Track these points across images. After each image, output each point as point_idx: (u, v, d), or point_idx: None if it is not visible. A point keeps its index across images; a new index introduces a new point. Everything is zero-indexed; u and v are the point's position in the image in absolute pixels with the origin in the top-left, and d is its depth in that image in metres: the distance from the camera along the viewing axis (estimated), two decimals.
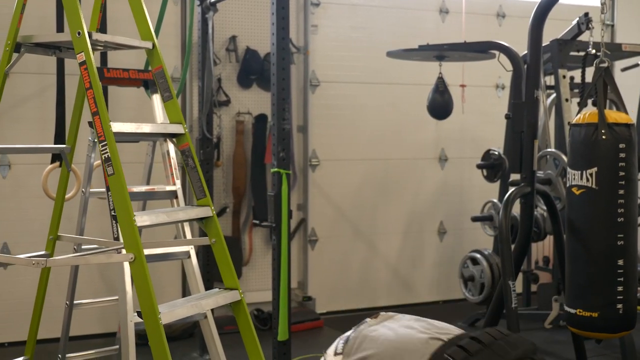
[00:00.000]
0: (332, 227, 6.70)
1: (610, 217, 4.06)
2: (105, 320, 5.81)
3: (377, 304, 6.88)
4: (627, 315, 4.11)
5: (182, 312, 2.88)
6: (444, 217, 7.13)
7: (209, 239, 3.04)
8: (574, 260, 4.24)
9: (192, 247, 4.26)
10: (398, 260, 6.99)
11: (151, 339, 2.58)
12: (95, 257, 2.95)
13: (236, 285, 3.01)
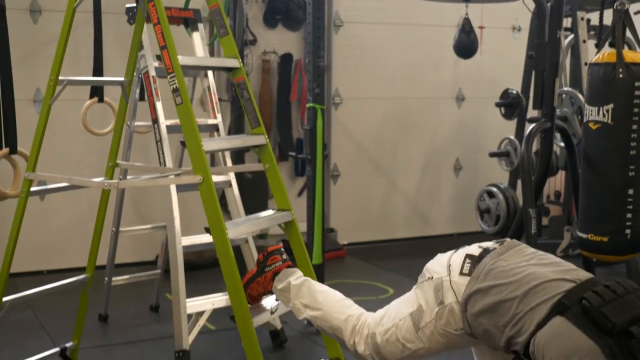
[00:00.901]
0: (353, 163, 7.01)
1: (623, 150, 4.36)
2: (138, 250, 6.14)
3: (395, 236, 7.23)
4: (634, 240, 4.44)
5: (244, 229, 3.21)
6: (460, 154, 7.43)
7: (263, 165, 3.34)
8: (588, 190, 4.56)
9: (233, 177, 4.58)
10: (416, 195, 7.32)
11: (219, 252, 2.90)
12: (166, 179, 3.26)
13: (289, 207, 3.32)
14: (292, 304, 2.99)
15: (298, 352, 4.33)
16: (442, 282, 2.57)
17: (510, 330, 2.39)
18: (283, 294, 3.02)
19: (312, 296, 2.96)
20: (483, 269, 2.51)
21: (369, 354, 2.74)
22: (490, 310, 2.43)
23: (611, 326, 2.23)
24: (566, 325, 2.29)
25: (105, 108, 4.17)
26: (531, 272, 2.44)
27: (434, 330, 2.58)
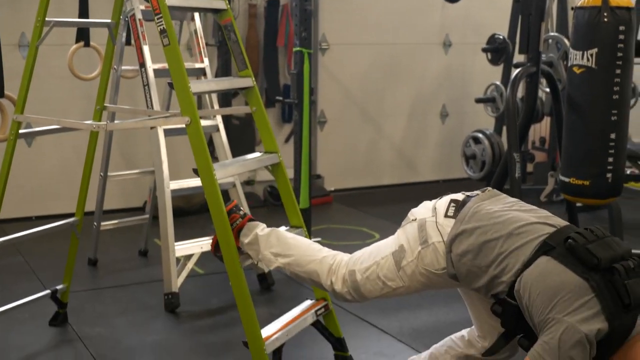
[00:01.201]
0: (340, 110, 7.03)
1: (606, 95, 4.41)
2: (127, 196, 6.18)
3: (381, 182, 7.29)
4: (615, 184, 4.53)
5: (232, 170, 3.24)
6: (447, 101, 7.45)
7: (250, 107, 3.36)
8: (571, 134, 4.62)
9: (220, 122, 4.61)
10: (402, 142, 7.36)
11: (207, 193, 2.93)
12: (154, 120, 3.28)
13: (276, 149, 3.34)
14: (261, 255, 2.97)
15: (285, 295, 4.40)
16: (426, 222, 2.62)
17: (494, 270, 2.45)
18: (251, 247, 2.99)
19: (282, 244, 2.95)
20: (468, 211, 2.56)
21: (346, 291, 2.78)
22: (475, 250, 2.49)
23: (597, 262, 2.31)
24: (553, 263, 2.36)
25: (92, 53, 4.16)
26: (514, 215, 2.50)
27: (415, 269, 2.63)
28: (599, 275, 2.31)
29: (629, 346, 2.34)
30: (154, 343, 3.77)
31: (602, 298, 2.27)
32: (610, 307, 2.27)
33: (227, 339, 3.79)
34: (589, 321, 2.25)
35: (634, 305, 2.29)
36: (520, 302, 2.41)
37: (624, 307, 2.28)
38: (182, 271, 4.27)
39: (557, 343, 2.24)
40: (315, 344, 3.63)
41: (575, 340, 2.23)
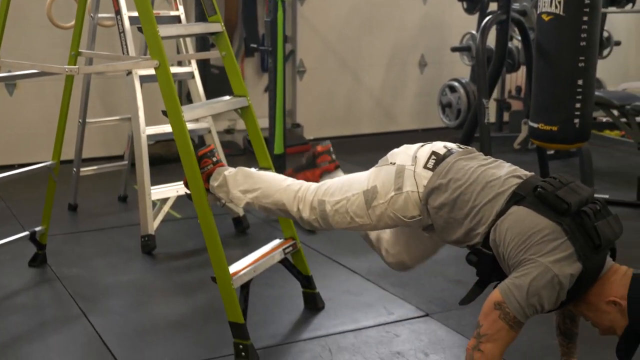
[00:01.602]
0: (319, 59, 7.09)
1: (573, 42, 4.52)
2: (107, 144, 6.26)
3: (360, 132, 7.39)
4: (583, 129, 4.65)
5: (200, 112, 3.33)
6: (425, 50, 7.52)
7: (220, 52, 3.44)
8: (540, 80, 4.73)
9: (196, 68, 4.68)
10: (381, 91, 7.44)
11: (176, 133, 3.03)
12: (124, 64, 3.36)
13: (244, 93, 3.43)
14: (231, 195, 3.05)
15: (260, 237, 4.51)
16: (405, 169, 2.67)
17: (470, 222, 2.55)
18: (221, 190, 3.08)
19: (248, 180, 3.04)
20: (446, 166, 2.63)
21: (314, 219, 2.88)
22: (450, 204, 2.58)
23: (567, 207, 2.41)
24: (525, 211, 2.46)
25: (70, 3, 4.21)
26: (486, 170, 2.60)
27: (385, 212, 2.71)
28: (570, 219, 2.40)
29: (603, 282, 2.45)
30: (130, 282, 3.90)
31: (575, 240, 2.37)
32: (583, 249, 2.37)
33: (201, 278, 3.91)
34: (561, 263, 2.35)
35: (604, 246, 2.41)
36: (495, 250, 2.52)
37: (594, 248, 2.39)
38: (158, 214, 4.39)
39: (528, 281, 2.34)
40: (286, 282, 3.76)
41: (546, 280, 2.33)
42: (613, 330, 2.48)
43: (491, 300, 2.39)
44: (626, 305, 2.40)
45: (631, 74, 8.22)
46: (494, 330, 2.37)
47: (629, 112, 5.64)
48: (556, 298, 2.37)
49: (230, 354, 3.08)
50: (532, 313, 2.38)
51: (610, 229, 2.44)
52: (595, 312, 2.48)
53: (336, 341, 3.24)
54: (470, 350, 2.39)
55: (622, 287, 2.42)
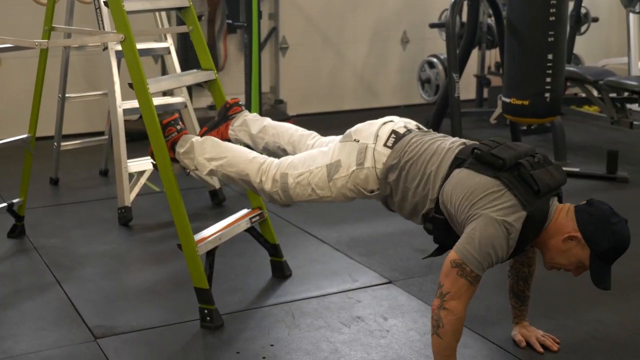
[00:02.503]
0: (302, 35, 7.16)
1: (543, 17, 4.60)
2: (90, 120, 6.34)
3: (343, 108, 7.47)
4: (553, 103, 4.74)
5: (166, 84, 3.42)
6: (407, 27, 7.58)
7: (187, 27, 3.52)
8: (511, 55, 4.82)
9: (172, 44, 4.77)
10: (364, 67, 7.52)
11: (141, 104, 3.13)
12: (91, 38, 3.45)
13: (211, 66, 3.51)
14: (196, 162, 3.17)
15: (236, 209, 4.54)
16: (367, 147, 2.87)
17: (423, 190, 2.75)
18: (187, 156, 3.19)
19: (215, 148, 3.16)
20: (403, 144, 2.84)
21: (275, 191, 3.02)
22: (404, 175, 2.79)
23: (502, 162, 2.60)
24: (466, 172, 2.66)
25: None
26: (434, 141, 2.83)
27: (346, 184, 2.90)
28: (508, 173, 2.60)
29: (553, 224, 2.64)
30: (105, 252, 4.00)
31: (515, 189, 2.56)
32: (524, 196, 2.56)
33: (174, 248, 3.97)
34: (506, 211, 2.53)
35: (544, 191, 2.59)
36: (446, 213, 2.70)
37: (535, 194, 2.57)
38: (135, 186, 4.49)
39: (478, 234, 2.51)
40: (256, 252, 3.87)
41: (495, 230, 2.51)
42: (583, 265, 2.65)
43: (449, 260, 2.55)
44: (581, 235, 2.59)
45: (613, 50, 8.29)
46: (455, 288, 2.51)
47: (602, 88, 5.73)
48: (507, 245, 2.54)
49: (197, 319, 3.19)
50: (489, 264, 2.54)
51: (549, 176, 2.63)
52: (560, 254, 2.65)
53: (300, 307, 3.35)
54: (436, 309, 2.54)
55: (571, 221, 2.62)
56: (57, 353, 2.94)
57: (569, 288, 3.55)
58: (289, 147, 3.32)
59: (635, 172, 5.35)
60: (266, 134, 3.38)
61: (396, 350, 2.98)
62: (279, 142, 3.35)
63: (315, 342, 3.04)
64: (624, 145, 5.94)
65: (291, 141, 3.32)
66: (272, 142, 3.36)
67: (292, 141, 3.32)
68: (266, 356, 2.93)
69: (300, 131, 3.36)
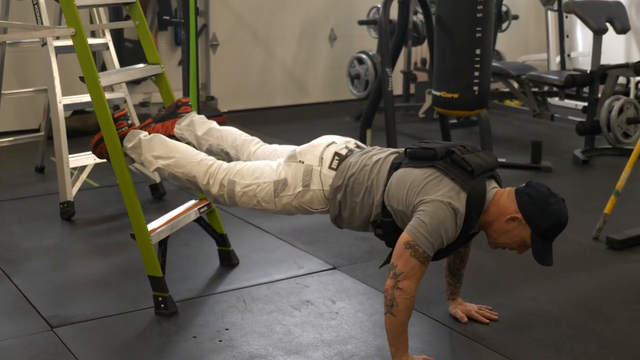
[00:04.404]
0: (232, 33, 7.25)
1: (470, 13, 4.81)
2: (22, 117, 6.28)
3: (274, 104, 7.59)
4: (481, 96, 4.96)
5: (116, 78, 3.49)
6: (335, 24, 7.74)
7: (133, 22, 3.59)
8: (440, 51, 5.01)
9: (109, 39, 4.80)
10: (293, 64, 7.65)
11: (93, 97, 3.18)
12: (41, 32, 3.47)
13: (158, 61, 3.59)
14: (143, 158, 3.26)
15: (176, 203, 4.60)
16: (312, 170, 3.05)
17: (369, 199, 2.93)
18: (134, 151, 3.27)
19: (164, 147, 3.25)
20: (346, 165, 3.03)
21: (221, 195, 3.16)
22: (350, 192, 2.98)
23: (433, 151, 2.83)
24: (402, 170, 2.89)
25: None
26: (372, 155, 3.04)
27: (290, 202, 3.08)
28: (441, 161, 2.82)
29: (495, 206, 2.83)
30: (50, 246, 4.02)
31: (450, 173, 2.77)
32: (460, 177, 2.76)
33: (119, 240, 4.07)
34: (448, 193, 2.73)
35: (477, 172, 2.79)
36: (393, 213, 2.89)
37: (469, 174, 2.77)
38: (77, 181, 4.51)
39: (428, 216, 2.69)
40: (202, 243, 3.96)
41: (442, 210, 2.69)
42: (525, 243, 2.84)
43: (401, 242, 2.71)
44: (522, 216, 2.77)
45: (531, 47, 8.63)
46: (408, 268, 2.67)
47: (524, 82, 6.01)
48: (455, 225, 2.72)
49: (151, 307, 3.27)
50: (439, 244, 2.71)
51: (480, 159, 2.84)
52: (504, 234, 2.83)
53: (250, 293, 3.46)
54: (390, 289, 2.68)
55: (511, 202, 2.80)
56: (16, 343, 2.98)
57: (504, 270, 3.76)
58: (232, 150, 3.46)
59: (557, 161, 5.64)
60: (211, 136, 3.50)
61: (346, 330, 3.13)
62: (222, 145, 3.48)
63: (268, 325, 3.16)
64: (545, 137, 6.23)
65: (234, 145, 3.46)
66: (216, 145, 3.49)
67: (235, 145, 3.46)
68: (222, 339, 3.03)
69: (243, 136, 3.50)
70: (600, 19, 5.83)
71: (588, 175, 5.47)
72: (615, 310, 3.35)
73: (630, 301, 3.44)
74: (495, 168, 2.93)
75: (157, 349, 2.98)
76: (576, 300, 3.44)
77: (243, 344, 3.00)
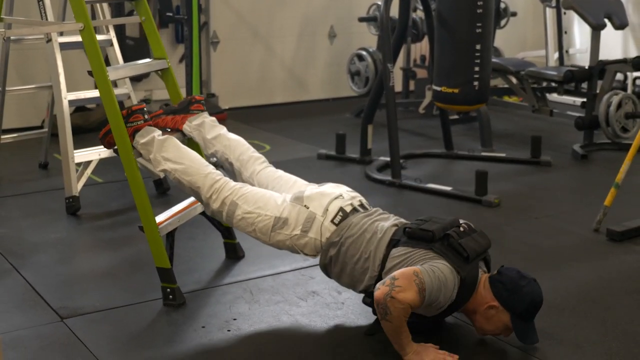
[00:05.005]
0: (232, 30, 7.28)
1: (470, 9, 4.85)
2: (24, 115, 6.32)
3: (274, 101, 7.63)
4: (481, 91, 5.00)
5: (123, 72, 3.54)
6: (335, 22, 7.79)
7: (140, 17, 3.63)
8: (441, 46, 5.06)
9: (113, 36, 4.85)
10: (293, 61, 7.69)
11: (101, 92, 3.23)
12: (49, 27, 3.52)
13: (164, 56, 3.64)
14: (152, 156, 3.30)
15: (180, 198, 4.66)
16: (315, 218, 3.10)
17: (362, 267, 3.01)
18: (145, 147, 3.31)
19: (176, 151, 3.30)
20: (347, 223, 3.09)
21: (220, 211, 3.22)
22: (345, 252, 3.05)
23: (431, 234, 2.93)
24: (401, 249, 2.96)
25: None
26: (374, 222, 3.10)
27: (284, 240, 3.13)
28: (439, 244, 2.92)
29: (476, 295, 2.94)
30: (57, 240, 4.07)
31: (447, 258, 2.86)
32: (455, 262, 2.86)
33: (125, 234, 4.12)
34: (448, 268, 2.84)
35: (472, 257, 2.90)
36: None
37: (465, 259, 2.88)
38: (82, 176, 4.55)
39: (437, 268, 2.81)
40: (207, 236, 4.01)
41: (449, 271, 2.83)
42: (508, 327, 2.93)
43: (412, 269, 2.80)
44: (499, 303, 2.89)
45: (529, 43, 8.68)
46: (406, 285, 2.74)
47: (524, 78, 6.06)
48: (452, 292, 2.83)
49: (159, 298, 3.32)
50: (432, 300, 2.79)
51: (475, 243, 2.95)
52: (487, 321, 2.95)
53: (256, 284, 3.51)
54: (383, 298, 2.74)
55: (488, 291, 2.93)
56: (27, 333, 3.03)
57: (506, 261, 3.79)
58: (236, 163, 3.51)
59: (557, 156, 5.69)
60: (219, 143, 3.55)
61: (353, 319, 3.18)
62: (228, 155, 3.53)
63: (275, 315, 3.21)
64: (545, 132, 6.28)
65: (240, 158, 3.51)
66: (222, 153, 3.54)
67: (241, 159, 3.51)
68: (231, 329, 3.08)
69: (250, 151, 3.54)
70: (598, 14, 5.88)
71: (587, 169, 5.52)
72: (616, 299, 3.41)
73: (630, 290, 3.50)
74: (488, 249, 3.04)
75: (167, 339, 3.02)
76: (578, 290, 3.49)
77: (251, 334, 3.04)
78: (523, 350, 2.95)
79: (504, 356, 2.94)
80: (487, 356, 2.96)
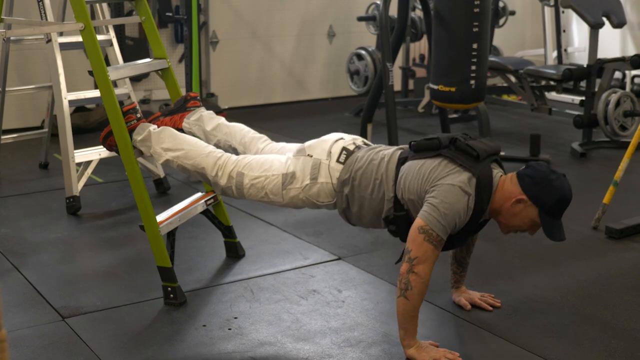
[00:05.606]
0: (231, 30, 7.30)
1: (468, 8, 4.87)
2: (24, 115, 6.34)
3: (273, 100, 7.65)
4: (478, 89, 5.03)
5: (124, 72, 3.54)
6: (333, 21, 7.81)
7: (140, 17, 3.64)
8: (438, 45, 5.08)
9: (113, 36, 4.86)
10: (292, 61, 7.71)
11: (102, 91, 3.24)
12: (50, 27, 3.53)
13: (164, 55, 3.65)
14: (152, 150, 3.31)
15: (181, 197, 4.67)
16: (320, 163, 3.10)
17: (378, 194, 2.99)
18: (144, 144, 3.33)
19: (173, 139, 3.31)
20: (354, 159, 3.09)
21: (229, 187, 3.21)
22: (358, 185, 3.03)
23: (437, 141, 2.92)
24: (411, 163, 2.96)
25: None
26: (379, 151, 3.11)
27: (298, 194, 3.12)
28: (446, 149, 2.90)
29: (500, 191, 2.89)
30: (58, 239, 4.08)
31: (457, 159, 2.84)
32: (466, 162, 2.83)
33: (126, 234, 4.13)
34: (457, 178, 2.81)
35: (482, 156, 2.86)
36: (406, 205, 2.95)
37: (475, 158, 2.85)
38: (82, 176, 4.57)
39: (440, 200, 2.78)
40: (208, 235, 4.03)
41: (453, 194, 2.78)
42: (535, 223, 2.90)
43: (415, 227, 2.79)
44: (527, 197, 2.85)
45: (528, 42, 8.70)
46: (422, 252, 2.75)
47: (522, 76, 6.07)
48: (467, 207, 2.79)
49: (160, 297, 3.33)
50: (452, 228, 2.79)
51: (483, 144, 2.92)
52: (513, 217, 2.90)
53: (257, 283, 3.53)
54: (405, 273, 2.76)
55: (515, 186, 2.87)
56: (29, 332, 3.04)
57: (505, 259, 3.83)
58: (240, 147, 3.51)
59: (555, 154, 5.71)
60: (219, 132, 3.56)
61: (353, 318, 3.19)
62: (230, 142, 3.54)
63: (276, 313, 3.22)
64: (543, 130, 6.30)
65: (242, 142, 3.51)
66: (224, 141, 3.55)
67: (243, 142, 3.51)
68: (232, 327, 3.09)
69: (251, 133, 3.56)
70: (596, 13, 5.90)
71: (586, 167, 5.53)
72: (615, 296, 3.42)
73: (629, 287, 3.51)
74: (499, 152, 3.00)
75: (168, 337, 3.03)
76: (577, 287, 3.51)
77: (252, 332, 3.06)
78: (523, 347, 2.96)
79: (504, 354, 2.95)
80: (487, 354, 2.97)
